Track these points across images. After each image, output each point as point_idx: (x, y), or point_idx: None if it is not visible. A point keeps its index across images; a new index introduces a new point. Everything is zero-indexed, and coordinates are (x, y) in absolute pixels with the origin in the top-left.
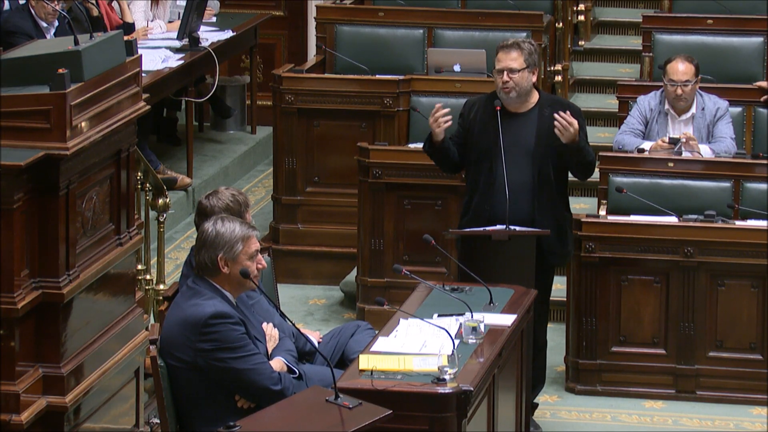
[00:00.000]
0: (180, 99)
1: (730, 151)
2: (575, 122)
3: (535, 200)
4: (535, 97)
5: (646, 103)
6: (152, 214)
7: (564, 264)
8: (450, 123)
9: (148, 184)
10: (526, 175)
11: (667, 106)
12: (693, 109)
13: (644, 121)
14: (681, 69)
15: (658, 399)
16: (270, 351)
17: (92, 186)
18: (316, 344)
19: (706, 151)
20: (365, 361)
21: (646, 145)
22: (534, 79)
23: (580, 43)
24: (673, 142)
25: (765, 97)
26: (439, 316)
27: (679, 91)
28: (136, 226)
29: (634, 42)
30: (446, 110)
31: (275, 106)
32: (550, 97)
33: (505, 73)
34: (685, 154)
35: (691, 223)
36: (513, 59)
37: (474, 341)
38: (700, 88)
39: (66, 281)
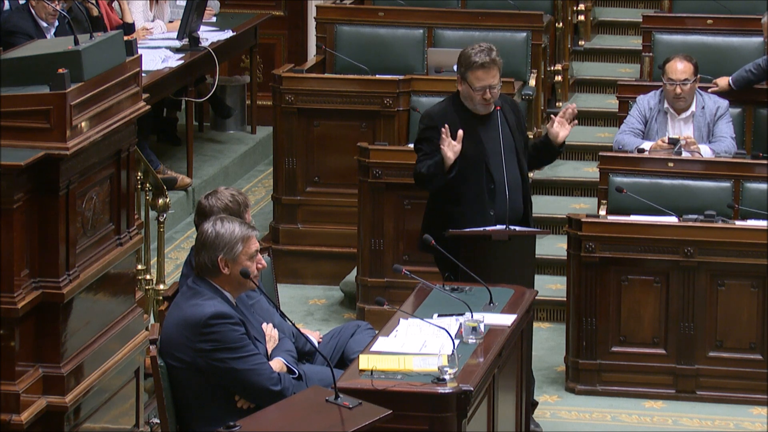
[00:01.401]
0: (180, 99)
1: (731, 150)
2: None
3: (526, 198)
4: None
5: (646, 102)
6: (152, 214)
7: None
8: (459, 146)
9: (148, 184)
10: (516, 174)
11: (666, 105)
12: (693, 108)
13: (644, 121)
14: (680, 68)
15: (658, 399)
16: (270, 351)
17: (92, 186)
18: (316, 344)
19: (706, 151)
20: (365, 361)
21: (646, 145)
22: None
23: (580, 43)
24: (673, 142)
25: None
26: (439, 316)
27: (678, 90)
28: (136, 226)
29: (634, 42)
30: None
31: (275, 106)
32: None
33: (487, 90)
34: (685, 155)
35: (691, 223)
36: (493, 77)
37: (474, 341)
38: (700, 87)
39: (66, 281)
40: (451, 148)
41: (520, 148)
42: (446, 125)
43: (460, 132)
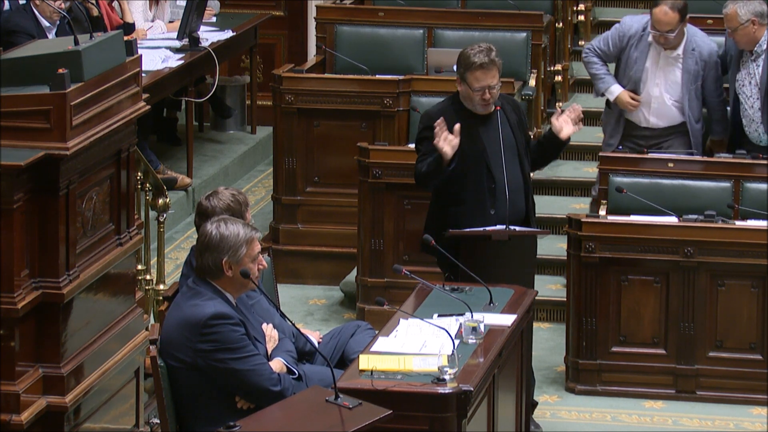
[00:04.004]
0: (180, 99)
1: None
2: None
3: (527, 198)
4: None
5: (627, 28)
6: (152, 214)
7: None
8: (457, 140)
9: (148, 184)
10: (518, 174)
11: (650, 39)
12: (680, 49)
13: (621, 46)
14: (663, 19)
15: (658, 399)
16: (270, 352)
17: (92, 186)
18: (316, 344)
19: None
20: (365, 361)
21: (615, 89)
22: None
23: (580, 43)
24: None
25: None
26: (439, 316)
27: (662, 39)
28: (136, 226)
29: None
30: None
31: (275, 106)
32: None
33: (486, 90)
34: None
35: (691, 223)
36: (493, 77)
37: (474, 341)
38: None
39: (66, 281)
40: (448, 143)
41: (522, 148)
42: (441, 118)
43: (457, 126)
